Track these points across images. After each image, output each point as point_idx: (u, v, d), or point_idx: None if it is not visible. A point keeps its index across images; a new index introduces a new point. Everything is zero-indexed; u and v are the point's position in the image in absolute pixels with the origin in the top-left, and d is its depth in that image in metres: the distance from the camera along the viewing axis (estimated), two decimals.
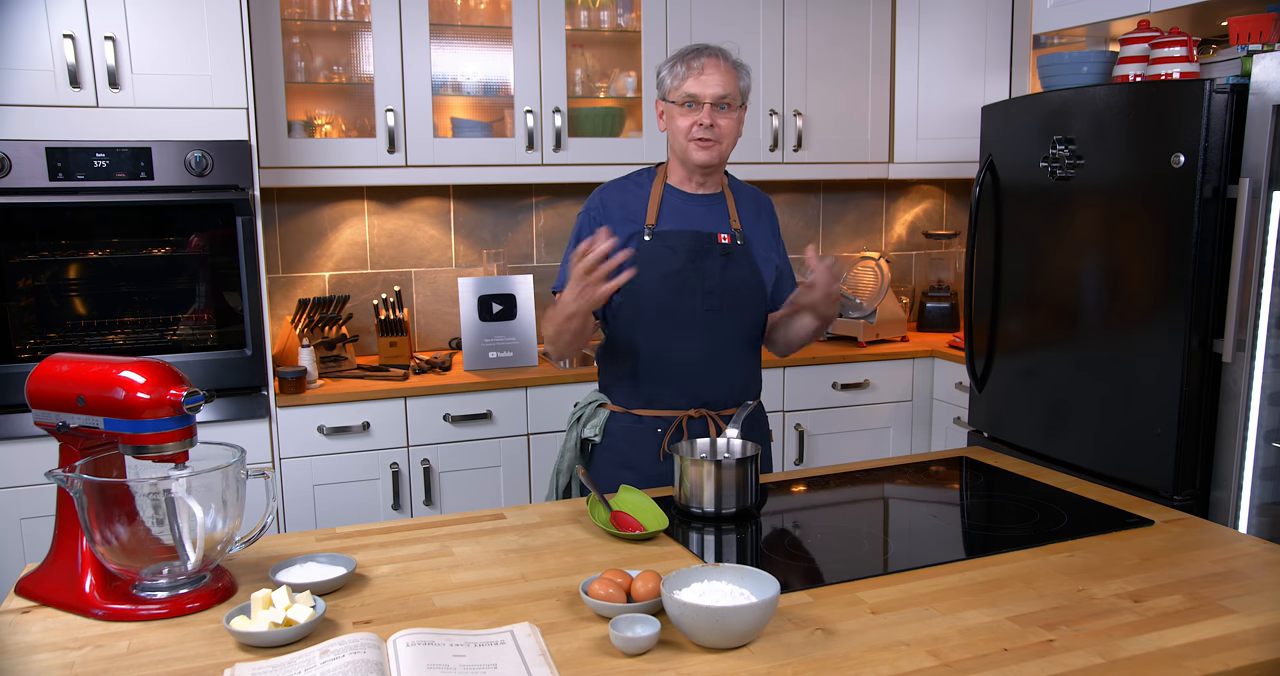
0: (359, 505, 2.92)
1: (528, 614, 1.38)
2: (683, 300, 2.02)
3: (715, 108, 1.98)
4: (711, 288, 2.03)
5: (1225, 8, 2.63)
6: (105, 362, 1.41)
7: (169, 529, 1.41)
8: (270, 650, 1.27)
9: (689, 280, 2.02)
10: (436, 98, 3.18)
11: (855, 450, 3.44)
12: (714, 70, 1.98)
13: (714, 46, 2.03)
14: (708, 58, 1.99)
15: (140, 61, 2.61)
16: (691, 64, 1.99)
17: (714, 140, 1.99)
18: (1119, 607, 1.37)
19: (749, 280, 2.07)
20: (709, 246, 2.03)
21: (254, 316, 2.77)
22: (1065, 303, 2.72)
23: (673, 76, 2.01)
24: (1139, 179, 2.47)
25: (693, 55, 2.00)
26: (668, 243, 2.02)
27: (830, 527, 1.79)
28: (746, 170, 3.50)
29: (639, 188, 2.10)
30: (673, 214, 2.06)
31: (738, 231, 2.07)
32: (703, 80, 1.97)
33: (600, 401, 2.13)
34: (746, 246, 2.07)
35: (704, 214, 2.07)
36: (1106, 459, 2.60)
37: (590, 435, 2.10)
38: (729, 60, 2.02)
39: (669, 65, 2.03)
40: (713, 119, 1.98)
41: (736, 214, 2.10)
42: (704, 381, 2.05)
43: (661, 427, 2.05)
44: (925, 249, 4.18)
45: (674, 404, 2.05)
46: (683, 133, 2.00)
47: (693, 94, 1.98)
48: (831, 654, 1.25)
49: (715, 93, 1.97)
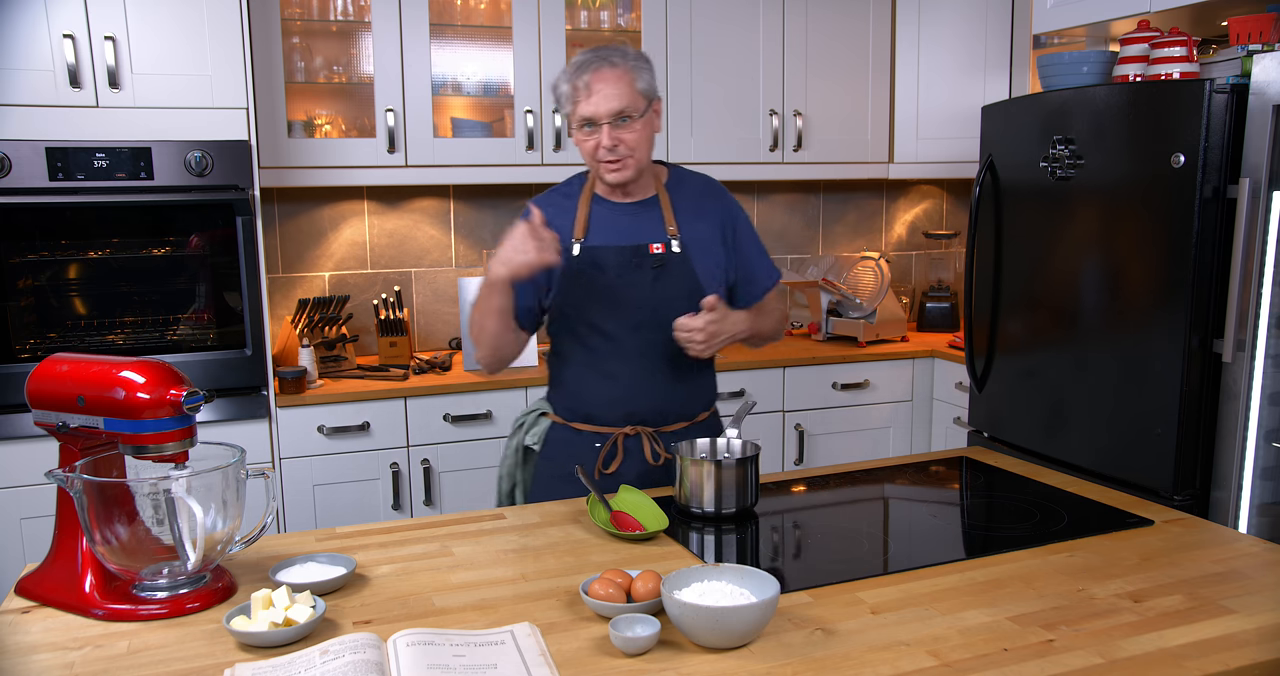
0: (359, 505, 2.92)
1: (528, 614, 1.37)
2: (611, 317, 1.92)
3: (614, 125, 1.83)
4: (641, 303, 1.92)
5: (1225, 8, 2.63)
6: (105, 362, 1.41)
7: (169, 529, 1.41)
8: (270, 650, 1.27)
9: (618, 297, 1.91)
10: (436, 98, 3.18)
11: (855, 450, 3.44)
12: (603, 84, 1.82)
13: (602, 53, 1.86)
14: (593, 73, 1.82)
15: (140, 61, 2.61)
16: (577, 84, 1.83)
17: (622, 158, 1.86)
18: (1119, 607, 1.37)
19: (684, 292, 1.92)
20: (639, 260, 1.92)
21: (254, 316, 2.77)
22: (1065, 303, 2.72)
23: (564, 98, 1.87)
24: (1139, 179, 2.47)
25: (578, 71, 1.84)
26: (595, 258, 1.92)
27: (830, 527, 1.79)
28: (746, 170, 3.51)
29: (566, 200, 1.99)
30: (601, 227, 1.95)
31: (674, 238, 1.94)
32: (593, 101, 1.82)
33: (543, 410, 2.07)
34: (683, 254, 1.94)
35: (633, 224, 1.95)
36: (1106, 459, 2.60)
37: (530, 443, 2.04)
38: (620, 65, 1.84)
39: (559, 83, 1.88)
40: (614, 139, 1.83)
41: (673, 217, 1.96)
42: (636, 400, 1.96)
43: (599, 443, 1.97)
44: (925, 249, 4.18)
45: (608, 421, 1.97)
46: (590, 155, 1.88)
47: (587, 116, 1.83)
48: (831, 654, 1.25)
49: (610, 108, 1.82)
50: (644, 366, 1.95)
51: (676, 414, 2.01)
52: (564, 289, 1.94)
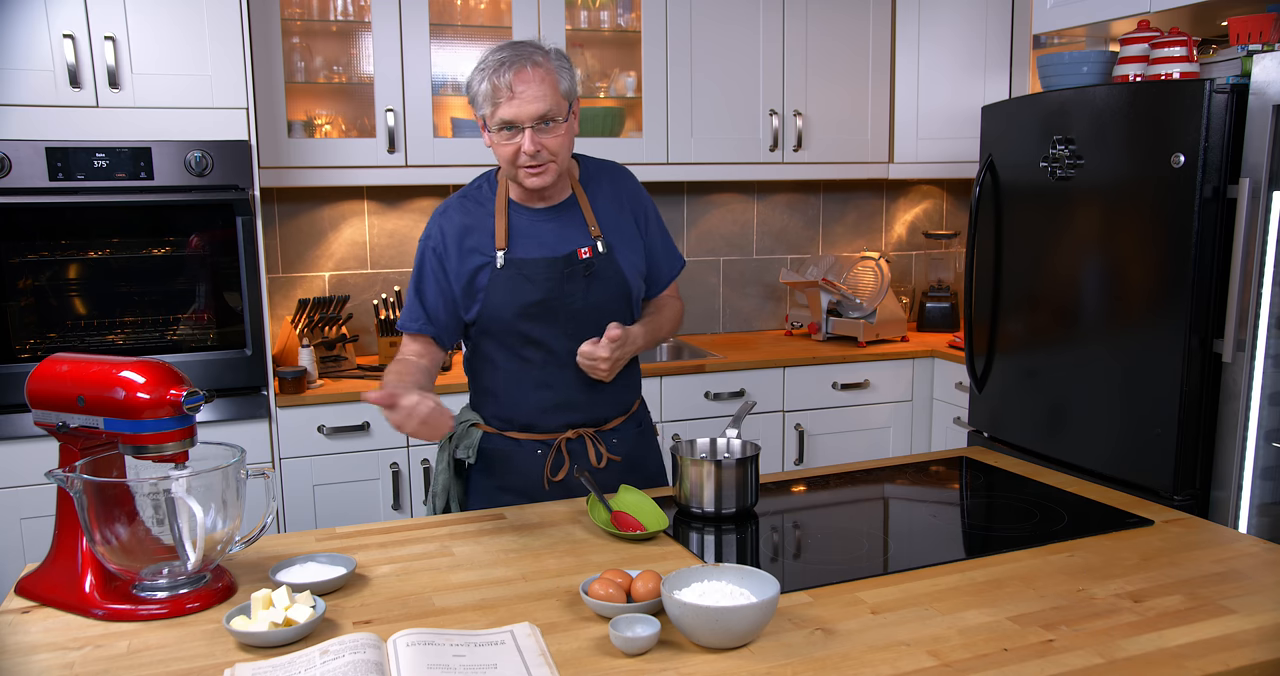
0: (359, 505, 2.92)
1: (528, 614, 1.37)
2: (545, 327, 1.86)
3: (537, 129, 1.74)
4: (575, 312, 1.86)
5: (1225, 8, 2.63)
6: (105, 362, 1.41)
7: (169, 529, 1.42)
8: (270, 650, 1.27)
9: (551, 307, 1.85)
10: (436, 98, 3.18)
11: (855, 450, 3.43)
12: (526, 85, 1.71)
13: (523, 51, 1.75)
14: (515, 72, 1.71)
15: (140, 61, 2.61)
16: (497, 84, 1.71)
17: (544, 164, 1.78)
18: (1119, 607, 1.37)
19: (614, 294, 1.90)
20: (571, 269, 1.85)
21: (254, 316, 2.77)
22: (1065, 303, 2.72)
23: (482, 97, 1.74)
24: (1139, 179, 2.47)
25: (498, 70, 1.72)
26: (523, 271, 1.83)
27: (830, 527, 1.79)
28: (746, 170, 3.51)
29: (480, 206, 1.89)
30: (524, 237, 1.86)
31: (599, 239, 1.88)
32: (515, 103, 1.72)
33: (472, 420, 1.98)
34: (609, 255, 1.89)
35: (558, 230, 1.88)
36: (1106, 459, 2.60)
37: (463, 457, 1.96)
38: (543, 65, 1.74)
39: (476, 80, 1.75)
40: (537, 144, 1.74)
41: (594, 217, 1.90)
42: (574, 405, 1.92)
43: (541, 450, 1.93)
44: (925, 249, 4.18)
45: (547, 428, 1.92)
46: (508, 160, 1.78)
47: (508, 120, 1.73)
48: (831, 654, 1.25)
49: (533, 111, 1.72)
50: (578, 372, 1.88)
51: (614, 411, 1.98)
52: (491, 302, 1.86)
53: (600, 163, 2.01)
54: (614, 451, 1.97)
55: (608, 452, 1.96)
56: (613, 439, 1.98)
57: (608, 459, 1.95)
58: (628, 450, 2.00)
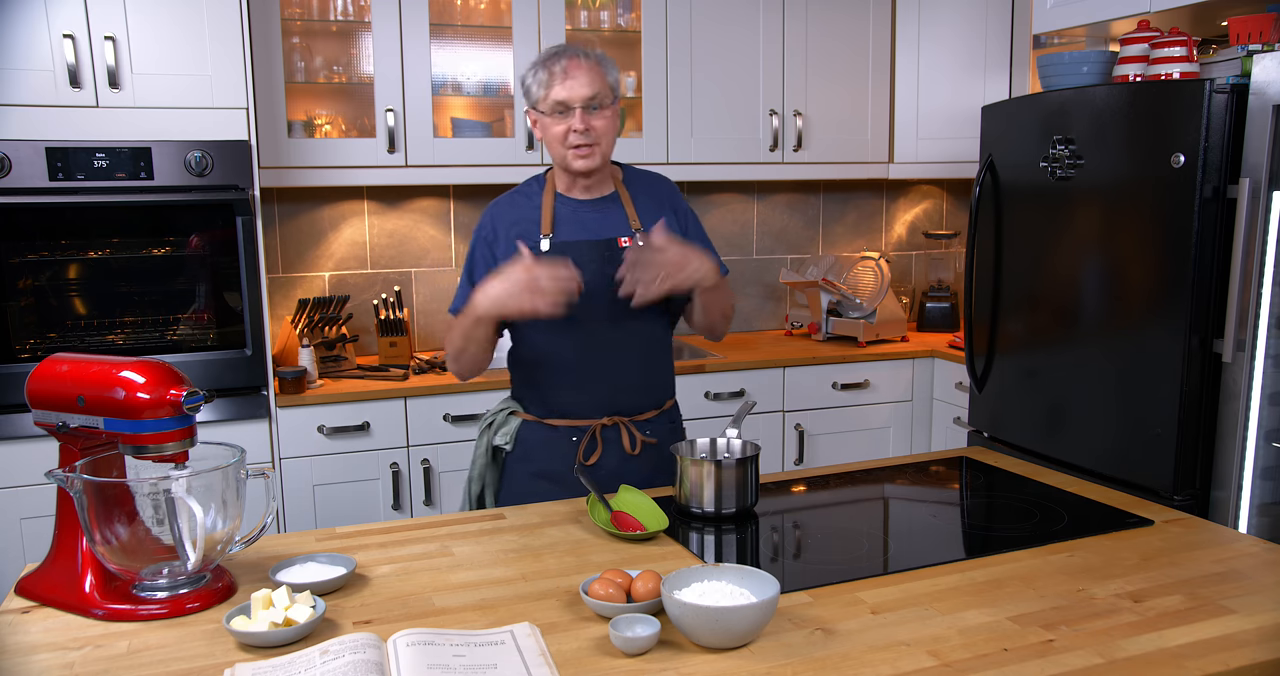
0: (359, 505, 2.92)
1: (528, 614, 1.38)
2: (587, 311, 1.94)
3: (586, 110, 1.91)
4: (615, 296, 1.93)
5: (1225, 8, 2.63)
6: (105, 362, 1.41)
7: (169, 529, 1.42)
8: (270, 650, 1.27)
9: (592, 290, 1.93)
10: (436, 98, 3.18)
11: (855, 450, 3.44)
12: (578, 71, 1.90)
13: (571, 47, 1.96)
14: (569, 60, 1.91)
15: (140, 61, 2.61)
16: (553, 69, 1.91)
17: (592, 144, 1.93)
18: (1119, 607, 1.37)
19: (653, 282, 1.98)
20: (610, 253, 1.97)
21: (254, 316, 2.77)
22: (1065, 303, 2.72)
23: (537, 85, 1.93)
24: (1139, 179, 2.47)
25: (552, 59, 1.92)
26: (567, 253, 1.95)
27: (830, 527, 1.79)
28: (746, 170, 3.51)
29: (528, 200, 2.05)
30: (568, 224, 2.01)
31: (639, 232, 2.01)
32: (569, 84, 1.90)
33: (512, 408, 2.08)
34: None
35: (600, 220, 2.02)
36: (1106, 459, 2.60)
37: (501, 443, 2.06)
38: (591, 57, 1.94)
39: (532, 72, 1.95)
40: (586, 122, 1.91)
41: (635, 213, 2.03)
42: (614, 390, 2.01)
43: (576, 436, 2.01)
44: (925, 249, 4.18)
45: (586, 413, 2.01)
46: (559, 141, 1.94)
47: (561, 100, 1.90)
48: (831, 654, 1.25)
49: (584, 94, 1.90)
50: (619, 357, 2.00)
51: (649, 402, 2.06)
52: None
53: (641, 171, 2.14)
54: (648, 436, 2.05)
55: (642, 437, 2.03)
56: (645, 430, 2.05)
57: (641, 442, 2.03)
58: (661, 438, 2.07)
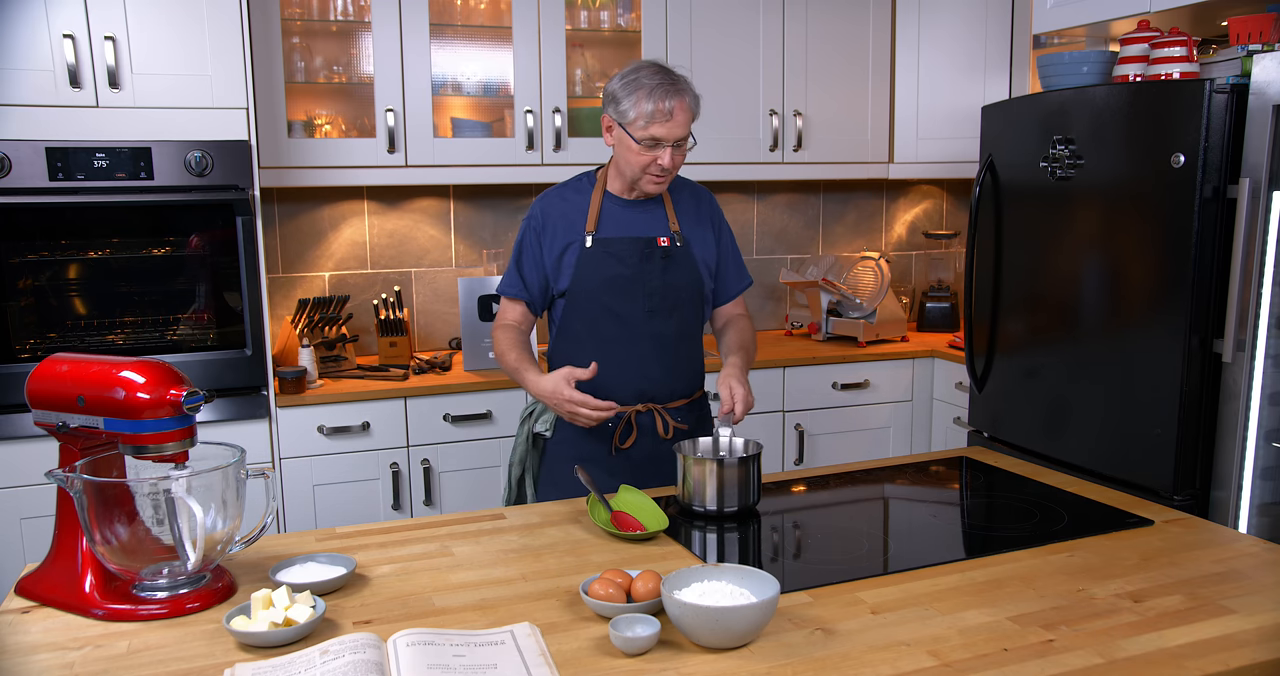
0: (359, 505, 2.92)
1: (528, 614, 1.38)
2: (626, 302, 2.08)
3: (675, 148, 2.00)
4: (653, 290, 2.09)
5: (1225, 8, 2.63)
6: (105, 362, 1.41)
7: (169, 529, 1.42)
8: (270, 650, 1.27)
9: (632, 283, 2.08)
10: (436, 98, 3.18)
11: (855, 450, 3.43)
12: (682, 113, 1.98)
13: (680, 83, 2.00)
14: (677, 101, 1.97)
15: (140, 61, 2.61)
16: (663, 107, 1.96)
17: (668, 175, 2.05)
18: (1119, 607, 1.37)
19: (688, 280, 2.13)
20: (650, 250, 2.09)
21: (254, 316, 2.77)
22: (1065, 302, 2.72)
23: (637, 112, 1.97)
24: (1139, 179, 2.47)
25: (662, 95, 1.96)
26: (609, 248, 2.08)
27: (830, 527, 1.79)
28: (747, 170, 3.51)
29: (579, 195, 2.14)
30: (612, 220, 2.11)
31: (677, 234, 2.13)
32: (670, 126, 1.97)
33: None
34: (686, 248, 2.13)
35: (643, 219, 2.13)
36: (1106, 459, 2.60)
37: (541, 430, 2.17)
38: (688, 96, 2.00)
39: (631, 96, 1.98)
40: (674, 160, 2.01)
41: (675, 216, 2.15)
42: (649, 378, 2.11)
43: (613, 422, 2.09)
44: (925, 249, 4.18)
45: (622, 399, 2.08)
46: (639, 167, 2.02)
47: (659, 137, 1.97)
48: (831, 654, 1.25)
49: (680, 135, 1.99)
50: (655, 347, 2.11)
51: (682, 391, 2.17)
52: (580, 276, 2.08)
53: (684, 179, 2.24)
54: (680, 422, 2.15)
55: (675, 422, 2.13)
56: (677, 417, 2.15)
57: (674, 427, 2.13)
58: (691, 426, 2.18)
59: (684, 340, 2.15)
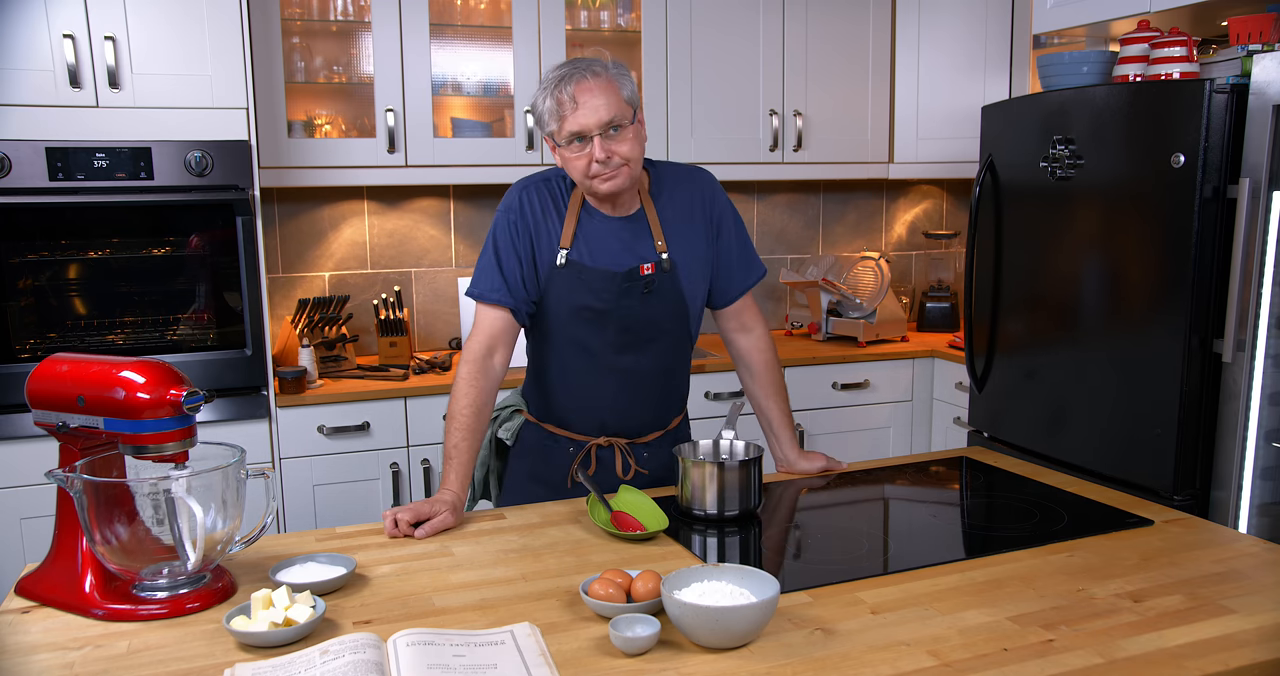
0: (359, 505, 2.92)
1: (528, 614, 1.37)
2: (594, 335, 1.88)
3: (605, 137, 1.74)
4: (629, 324, 1.88)
5: (1225, 8, 2.63)
6: (105, 362, 1.41)
7: (169, 529, 1.41)
8: (270, 650, 1.27)
9: (603, 317, 1.87)
10: (436, 98, 3.18)
11: (855, 450, 3.43)
12: (589, 94, 1.72)
13: (580, 64, 1.76)
14: (576, 84, 1.73)
15: (140, 61, 2.61)
16: (561, 98, 1.73)
17: (615, 169, 1.77)
18: (1119, 607, 1.37)
19: (672, 310, 1.92)
20: (630, 285, 1.86)
21: (254, 316, 2.77)
22: (1065, 303, 2.72)
23: (549, 115, 1.76)
24: (1139, 179, 2.47)
25: (559, 85, 1.74)
26: (583, 276, 1.85)
27: (830, 527, 1.79)
28: (747, 170, 3.51)
29: (558, 198, 1.89)
30: (589, 242, 1.86)
31: (663, 257, 1.88)
32: (582, 113, 1.72)
33: (518, 406, 2.06)
34: (672, 272, 1.89)
35: (624, 244, 1.88)
36: (1106, 459, 2.60)
37: (503, 437, 2.04)
38: (602, 75, 1.75)
39: (541, 99, 1.77)
40: (607, 151, 1.74)
41: (661, 230, 1.89)
42: (611, 414, 1.95)
43: (574, 449, 1.97)
44: (925, 249, 4.18)
45: (581, 430, 1.96)
46: (582, 173, 1.78)
47: (576, 131, 1.73)
48: (831, 654, 1.25)
49: (601, 119, 1.72)
50: (623, 382, 1.93)
51: (651, 425, 2.00)
52: (549, 298, 1.88)
53: (675, 168, 1.98)
54: (643, 465, 1.99)
55: (636, 465, 1.97)
56: (644, 452, 2.00)
57: (635, 471, 1.97)
58: (659, 464, 2.00)
59: (659, 375, 1.96)
